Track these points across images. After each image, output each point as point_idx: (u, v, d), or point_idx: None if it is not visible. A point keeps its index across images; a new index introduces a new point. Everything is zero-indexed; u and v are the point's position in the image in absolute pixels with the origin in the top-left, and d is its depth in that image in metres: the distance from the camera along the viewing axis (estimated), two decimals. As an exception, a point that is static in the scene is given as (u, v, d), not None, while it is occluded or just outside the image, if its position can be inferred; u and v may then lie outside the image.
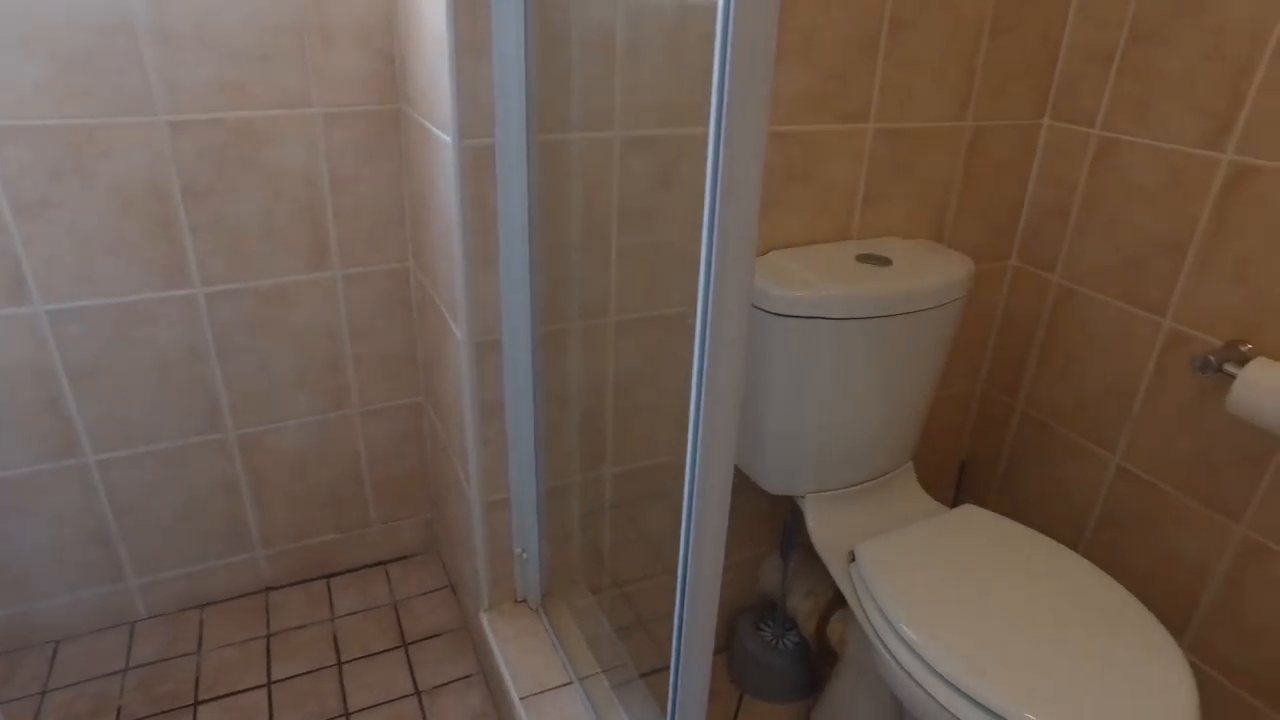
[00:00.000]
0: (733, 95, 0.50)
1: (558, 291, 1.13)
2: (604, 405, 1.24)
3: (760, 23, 0.49)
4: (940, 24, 1.16)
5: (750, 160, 0.53)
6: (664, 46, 1.06)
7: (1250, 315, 1.11)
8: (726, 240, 0.55)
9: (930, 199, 1.29)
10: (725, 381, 0.60)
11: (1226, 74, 1.09)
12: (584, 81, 1.04)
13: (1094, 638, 0.99)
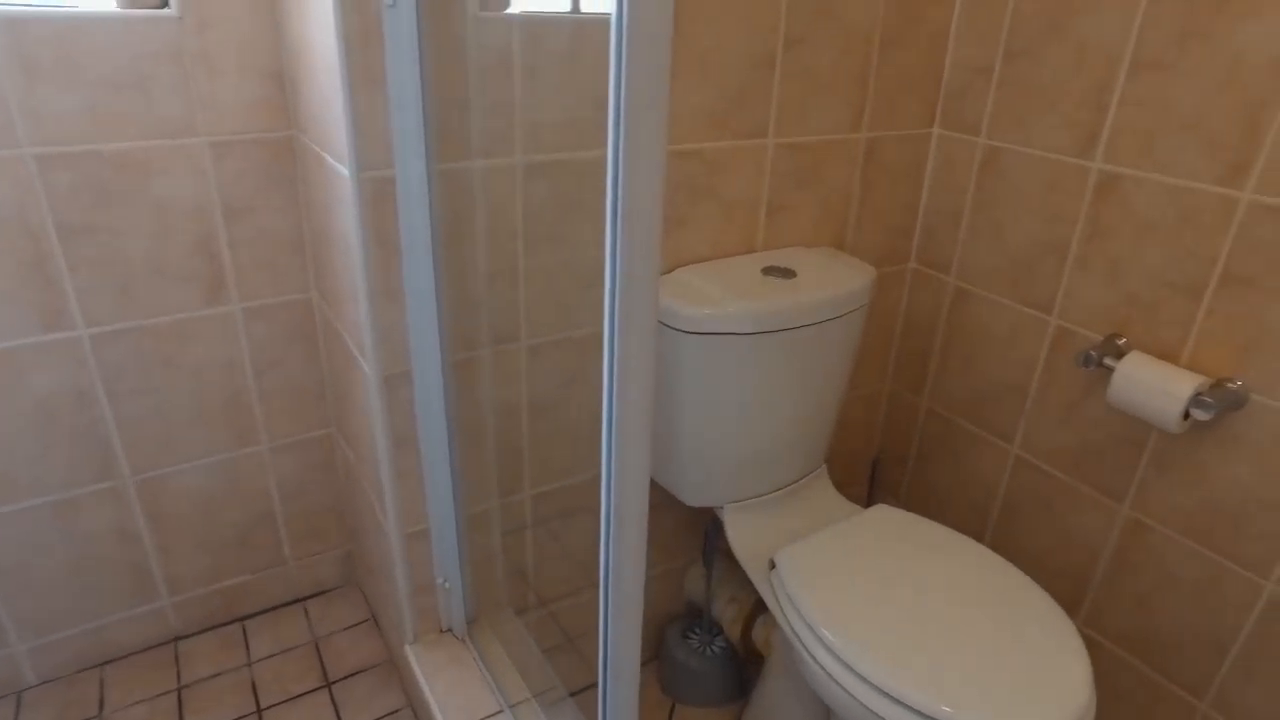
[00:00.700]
0: (629, 116, 0.51)
1: (467, 319, 1.13)
2: (520, 428, 1.25)
3: (654, 42, 0.50)
4: (832, 40, 1.21)
5: (649, 180, 0.55)
6: (563, 69, 1.07)
7: (1123, 311, 1.21)
8: (630, 261, 0.56)
9: (831, 208, 1.34)
10: (635, 399, 0.62)
11: (1090, 89, 1.17)
12: (484, 108, 1.05)
13: (998, 623, 1.06)
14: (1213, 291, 1.10)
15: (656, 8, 0.49)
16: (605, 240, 0.57)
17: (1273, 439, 1.08)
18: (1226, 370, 1.11)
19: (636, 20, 0.49)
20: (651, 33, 0.50)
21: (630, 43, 0.50)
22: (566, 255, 1.14)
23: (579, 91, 1.10)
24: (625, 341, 0.59)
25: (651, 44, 0.50)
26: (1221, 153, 1.06)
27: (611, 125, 0.53)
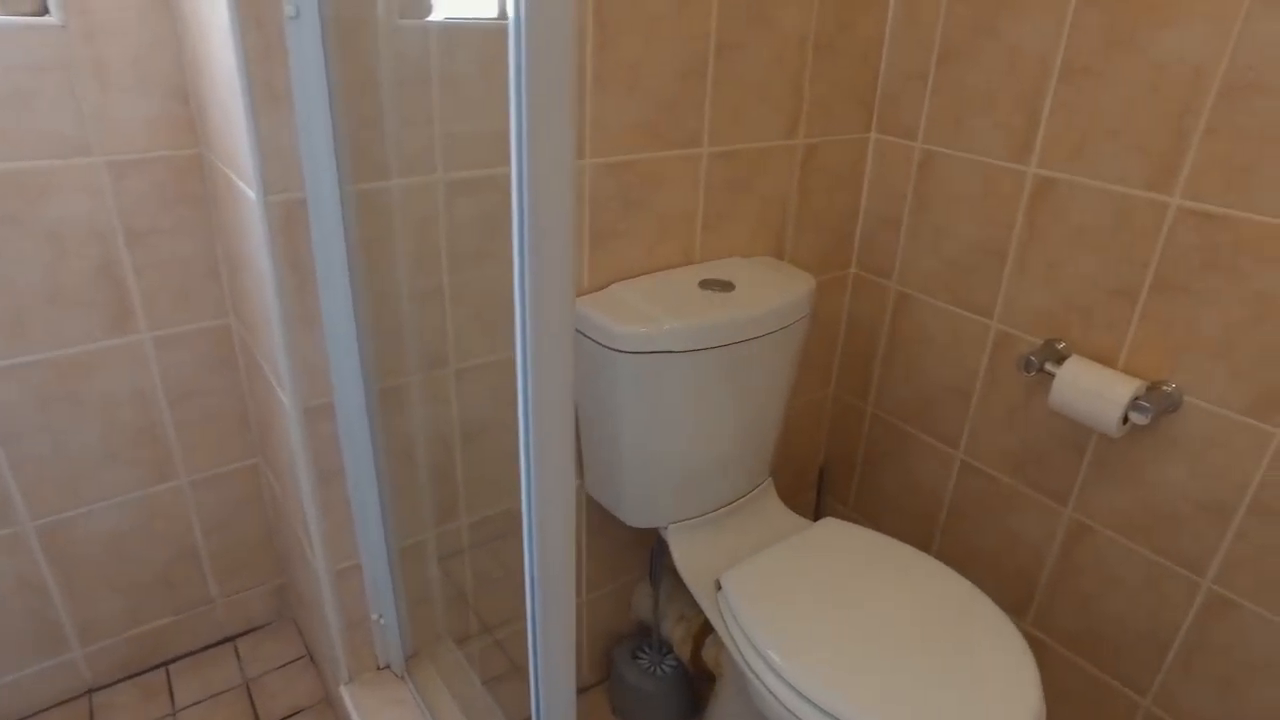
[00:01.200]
0: (532, 134, 0.48)
1: (393, 345, 1.08)
2: (453, 454, 1.20)
3: (555, 50, 0.46)
4: (765, 46, 1.19)
5: (557, 200, 0.51)
6: (487, 79, 1.03)
7: (1062, 315, 1.21)
8: (539, 282, 0.53)
9: (769, 217, 1.32)
10: (553, 430, 0.59)
11: (1023, 93, 1.17)
12: (402, 123, 1.00)
13: (946, 638, 1.06)
14: (1146, 295, 1.11)
15: (557, 11, 0.46)
16: (513, 263, 0.54)
17: (1205, 440, 1.10)
18: (1161, 373, 1.12)
19: (536, 26, 0.45)
20: (552, 40, 0.46)
21: (530, 52, 0.46)
22: (494, 274, 1.10)
23: (504, 103, 1.05)
24: (539, 368, 0.56)
25: (553, 52, 0.47)
26: (1150, 158, 1.07)
27: (514, 144, 0.49)
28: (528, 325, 0.55)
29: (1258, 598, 1.10)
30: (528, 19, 0.45)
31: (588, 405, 1.21)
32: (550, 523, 0.63)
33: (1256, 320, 1.02)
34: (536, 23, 0.45)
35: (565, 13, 0.46)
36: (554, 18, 0.46)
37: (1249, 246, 1.01)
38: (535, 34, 0.45)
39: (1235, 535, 1.10)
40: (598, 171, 1.10)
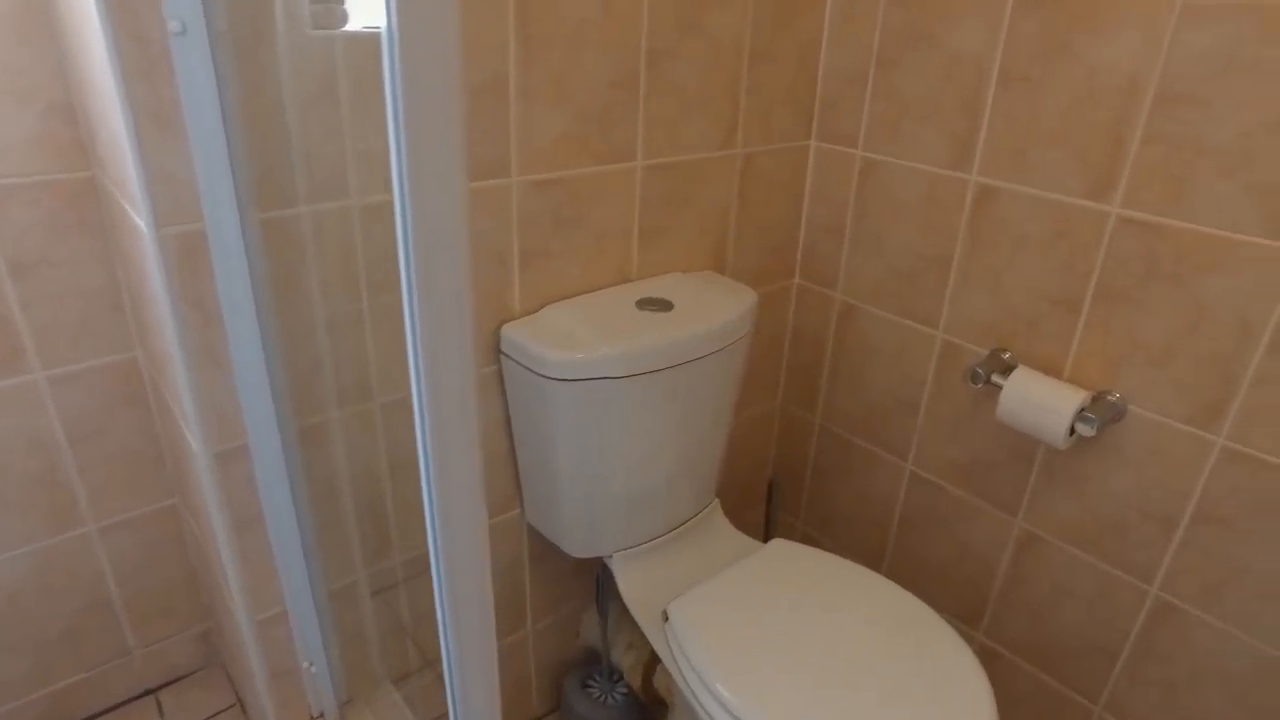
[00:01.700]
0: (412, 154, 0.43)
1: (312, 382, 1.02)
2: (383, 490, 1.14)
3: (437, 61, 0.42)
4: (699, 54, 1.15)
5: (448, 227, 0.47)
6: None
7: (1007, 325, 1.20)
8: (430, 312, 0.49)
9: (709, 229, 1.29)
10: (456, 470, 0.55)
11: (963, 100, 1.15)
12: (308, 148, 0.93)
13: (897, 659, 1.04)
14: (1089, 305, 1.10)
15: (438, 18, 0.41)
16: (401, 292, 0.49)
17: (1149, 450, 1.09)
18: (1106, 383, 1.12)
19: (413, 36, 0.40)
20: (434, 51, 0.42)
21: (405, 66, 0.41)
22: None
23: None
24: (434, 403, 0.52)
25: (433, 67, 0.42)
26: (1089, 167, 1.06)
27: (395, 172, 0.44)
28: (422, 369, 0.51)
29: (1202, 604, 1.10)
30: (401, 31, 0.40)
31: (523, 434, 1.16)
32: (460, 568, 0.59)
33: (1195, 329, 1.02)
34: (413, 34, 0.40)
35: (446, 22, 0.42)
36: (433, 28, 0.41)
37: (1188, 256, 1.00)
38: (412, 47, 0.41)
39: (1180, 543, 1.10)
40: (525, 190, 1.05)
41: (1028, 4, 1.06)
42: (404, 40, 0.40)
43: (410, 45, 0.41)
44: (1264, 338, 0.97)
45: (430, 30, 0.41)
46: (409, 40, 0.40)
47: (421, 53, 0.41)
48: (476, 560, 0.60)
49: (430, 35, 0.41)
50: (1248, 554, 1.04)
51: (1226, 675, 1.10)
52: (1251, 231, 0.95)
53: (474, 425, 0.55)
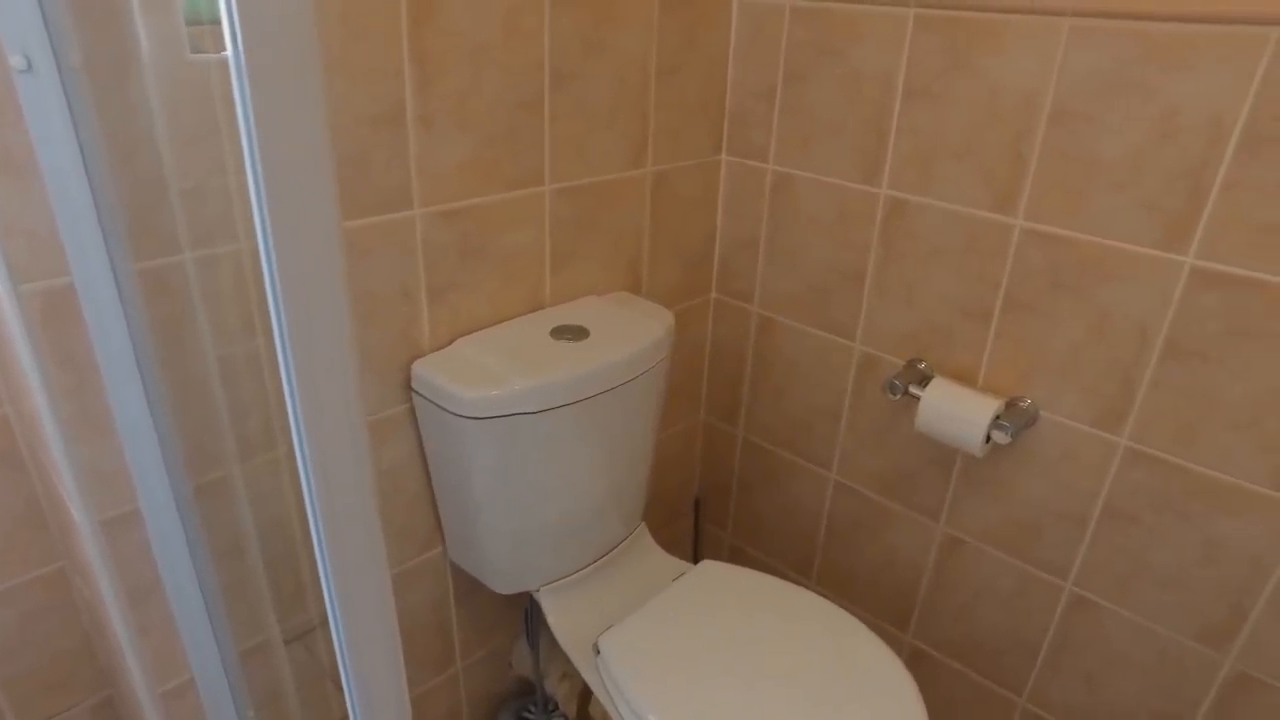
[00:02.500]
0: (271, 188, 0.39)
1: (209, 435, 0.96)
2: (294, 540, 1.08)
3: (295, 87, 0.38)
4: (605, 73, 1.12)
5: (319, 264, 0.43)
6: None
7: (923, 336, 1.22)
8: (309, 367, 0.45)
9: (623, 249, 1.27)
10: (350, 528, 0.51)
11: (870, 115, 1.17)
12: (190, 187, 0.87)
13: (829, 678, 1.05)
14: (999, 315, 1.13)
15: (291, 39, 0.37)
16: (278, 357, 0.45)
17: (1060, 453, 1.13)
18: (1018, 389, 1.15)
19: (263, 63, 0.36)
20: (290, 80, 0.38)
21: (257, 95, 0.37)
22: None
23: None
24: (317, 452, 0.48)
25: (292, 95, 0.38)
26: (994, 180, 1.08)
27: (255, 207, 0.40)
28: (304, 432, 0.48)
29: (1112, 596, 1.15)
30: (248, 54, 0.36)
31: (440, 471, 1.12)
32: (363, 629, 0.55)
33: (1098, 337, 1.05)
34: (263, 57, 0.36)
35: (303, 42, 0.37)
36: (286, 49, 0.37)
37: (1089, 266, 1.03)
38: (263, 70, 0.37)
39: (1091, 540, 1.14)
40: (430, 221, 1.01)
41: (927, 23, 1.07)
42: (252, 67, 0.36)
43: (260, 71, 0.37)
44: (1158, 344, 1.01)
45: (283, 52, 0.37)
46: (258, 66, 0.36)
47: (273, 79, 0.37)
48: (380, 622, 0.56)
49: (283, 57, 0.37)
50: (1149, 547, 1.09)
51: (1136, 661, 1.15)
52: (1144, 243, 0.98)
53: (367, 483, 0.52)
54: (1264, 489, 0.98)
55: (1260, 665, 1.04)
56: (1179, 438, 1.03)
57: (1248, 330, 0.94)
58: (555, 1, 1.03)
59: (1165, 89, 0.92)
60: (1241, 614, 1.04)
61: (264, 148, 0.38)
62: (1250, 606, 1.03)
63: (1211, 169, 0.92)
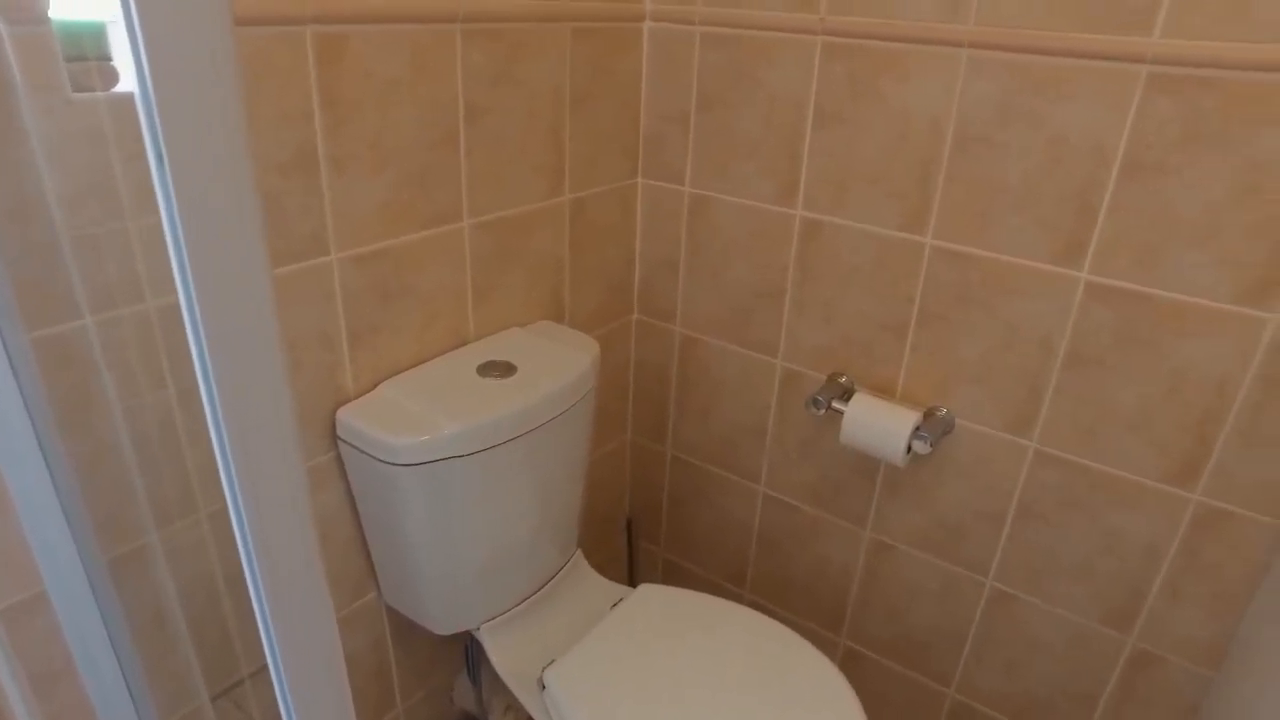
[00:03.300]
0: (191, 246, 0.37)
1: (122, 505, 0.91)
2: (220, 605, 1.04)
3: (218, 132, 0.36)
4: (519, 105, 1.12)
5: (252, 319, 0.42)
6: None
7: (842, 350, 1.27)
8: (242, 430, 0.44)
9: (544, 278, 1.27)
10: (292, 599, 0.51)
11: (783, 138, 1.20)
12: (86, 242, 0.83)
13: (767, 686, 1.09)
14: (914, 329, 1.19)
15: (208, 72, 0.35)
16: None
17: (976, 457, 1.20)
18: (935, 399, 1.21)
19: (178, 98, 0.34)
20: (210, 115, 0.36)
21: (172, 137, 0.34)
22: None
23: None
24: (257, 524, 0.47)
25: (214, 132, 0.36)
26: (904, 201, 1.13)
27: (175, 262, 0.38)
28: (241, 501, 0.46)
29: (1028, 588, 1.23)
30: (159, 92, 0.33)
31: (371, 517, 1.10)
32: (308, 682, 0.54)
33: (1007, 347, 1.12)
34: (176, 96, 0.34)
35: (221, 79, 0.35)
36: (204, 85, 0.35)
37: (995, 282, 1.10)
38: (179, 108, 0.34)
39: (1008, 537, 1.22)
40: (348, 266, 0.99)
41: (835, 50, 1.12)
42: (162, 105, 0.34)
43: (175, 109, 0.34)
44: (1060, 354, 1.08)
45: (201, 89, 0.35)
46: (172, 103, 0.34)
47: (190, 116, 0.35)
48: (330, 684, 0.56)
49: (202, 90, 0.35)
50: (1058, 541, 1.17)
51: (1050, 646, 1.24)
52: (1043, 260, 1.05)
53: (312, 548, 0.51)
54: (1155, 483, 1.07)
55: (1158, 642, 1.14)
56: (1081, 439, 1.11)
57: (1136, 339, 1.02)
58: (466, 36, 1.02)
59: (1053, 118, 0.99)
60: (1140, 597, 1.14)
61: (182, 193, 0.36)
62: (1147, 590, 1.13)
63: (1098, 192, 0.99)
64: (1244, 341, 0.96)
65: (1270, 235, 0.91)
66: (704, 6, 1.21)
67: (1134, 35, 0.92)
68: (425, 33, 0.98)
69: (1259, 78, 0.87)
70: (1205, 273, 0.96)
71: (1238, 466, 1.01)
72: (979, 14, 1.00)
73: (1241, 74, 0.87)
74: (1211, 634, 1.10)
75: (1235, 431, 1.00)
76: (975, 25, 1.01)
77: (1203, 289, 0.97)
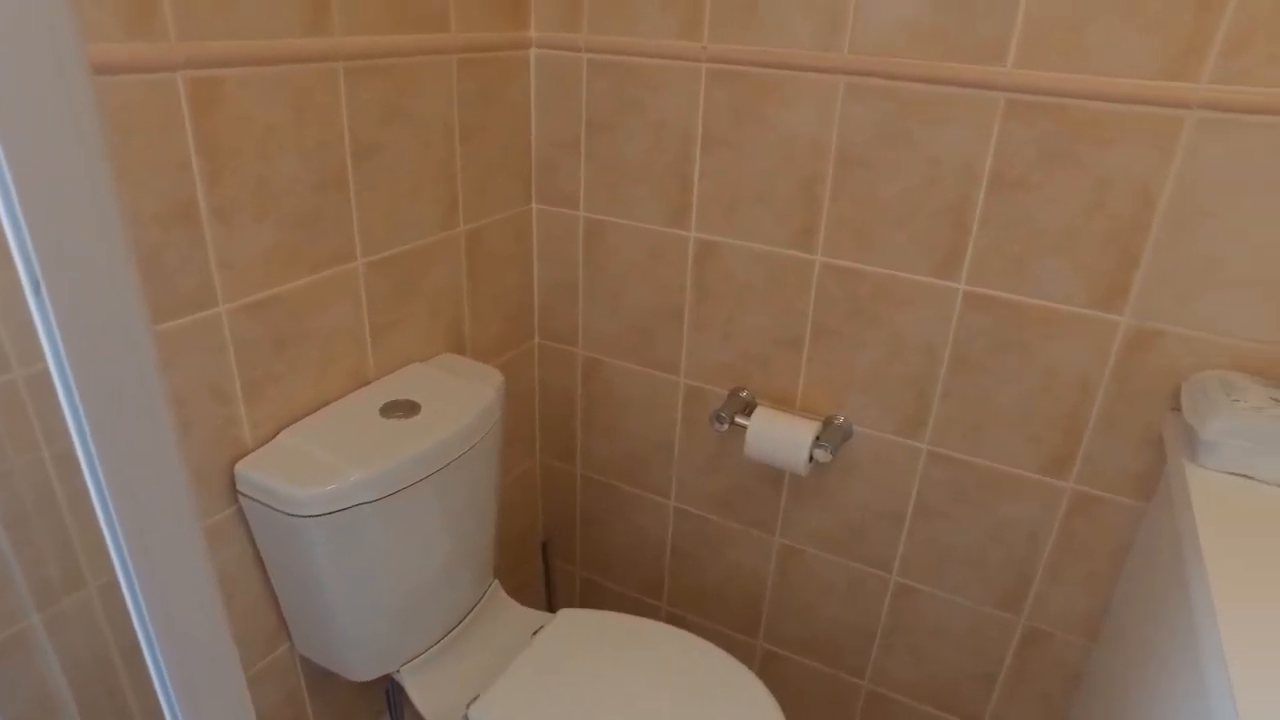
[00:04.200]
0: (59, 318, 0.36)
1: (4, 588, 0.86)
2: (119, 678, 1.00)
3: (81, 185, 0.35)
4: (409, 140, 1.12)
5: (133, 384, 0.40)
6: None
7: (741, 366, 1.33)
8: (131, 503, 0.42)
9: (443, 312, 1.27)
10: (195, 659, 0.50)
11: (673, 162, 1.25)
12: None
13: (691, 701, 1.13)
14: (809, 342, 1.25)
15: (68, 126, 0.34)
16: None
17: (874, 460, 1.28)
18: (832, 408, 1.28)
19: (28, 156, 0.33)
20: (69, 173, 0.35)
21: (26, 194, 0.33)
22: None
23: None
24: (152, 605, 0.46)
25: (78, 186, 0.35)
26: (793, 220, 1.19)
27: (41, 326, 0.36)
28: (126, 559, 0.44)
29: (929, 580, 1.31)
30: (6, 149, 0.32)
31: (279, 570, 1.08)
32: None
33: (895, 356, 1.20)
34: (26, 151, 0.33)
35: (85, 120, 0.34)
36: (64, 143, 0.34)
37: (881, 295, 1.17)
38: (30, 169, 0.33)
39: (908, 534, 1.30)
40: (237, 316, 0.97)
41: (719, 77, 1.16)
42: (13, 161, 0.32)
43: (26, 166, 0.33)
44: (945, 360, 1.17)
45: (58, 142, 0.34)
46: (20, 161, 0.33)
47: (48, 175, 0.34)
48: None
49: (59, 149, 0.34)
50: (953, 534, 1.26)
51: (952, 632, 1.33)
52: (923, 273, 1.13)
53: (216, 614, 0.51)
54: (1034, 475, 1.17)
55: (1045, 620, 1.24)
56: (968, 438, 1.20)
57: (1010, 343, 1.12)
58: (350, 74, 1.01)
59: (926, 140, 1.07)
60: (1027, 580, 1.24)
61: (42, 250, 0.35)
62: (1032, 574, 1.23)
63: (970, 208, 1.07)
64: (1101, 341, 1.06)
65: (1117, 245, 1.01)
66: (589, 34, 1.23)
67: (991, 65, 1.00)
68: (306, 73, 0.97)
69: (1097, 105, 0.96)
70: (1065, 280, 1.06)
71: (1103, 455, 1.11)
72: (853, 43, 1.07)
73: (1083, 102, 0.97)
74: (1089, 608, 1.21)
75: (1099, 423, 1.10)
76: (850, 54, 1.08)
77: (1064, 295, 1.06)
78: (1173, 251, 0.99)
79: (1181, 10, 0.90)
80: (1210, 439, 0.88)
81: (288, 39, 0.94)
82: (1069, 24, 0.95)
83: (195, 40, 0.86)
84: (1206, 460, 0.90)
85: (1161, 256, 0.99)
